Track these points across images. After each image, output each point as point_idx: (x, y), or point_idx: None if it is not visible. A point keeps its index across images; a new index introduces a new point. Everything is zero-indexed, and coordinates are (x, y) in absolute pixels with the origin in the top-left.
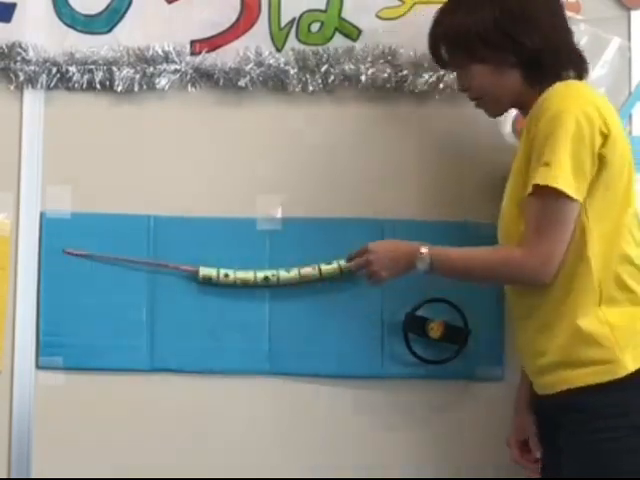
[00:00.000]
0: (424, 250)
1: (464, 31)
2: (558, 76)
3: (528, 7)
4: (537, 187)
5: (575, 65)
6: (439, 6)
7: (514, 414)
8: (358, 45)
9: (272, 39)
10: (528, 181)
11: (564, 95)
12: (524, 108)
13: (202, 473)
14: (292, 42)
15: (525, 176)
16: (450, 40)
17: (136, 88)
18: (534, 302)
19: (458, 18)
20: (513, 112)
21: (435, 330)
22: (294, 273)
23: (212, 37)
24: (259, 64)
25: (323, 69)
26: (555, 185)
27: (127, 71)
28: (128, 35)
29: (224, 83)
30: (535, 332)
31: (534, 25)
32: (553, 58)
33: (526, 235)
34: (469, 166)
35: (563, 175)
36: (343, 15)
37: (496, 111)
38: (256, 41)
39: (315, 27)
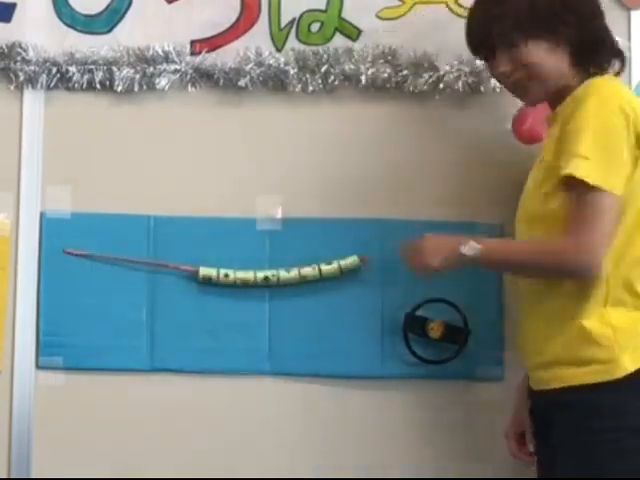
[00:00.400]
0: (471, 241)
1: (526, 8)
2: (601, 67)
3: None
4: (575, 180)
5: (616, 58)
6: (442, 5)
7: (514, 407)
8: (358, 45)
9: (272, 39)
10: (562, 172)
11: (602, 90)
12: (558, 97)
13: (202, 473)
14: (292, 42)
15: (556, 165)
16: (510, 17)
17: (136, 88)
18: (540, 297)
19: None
20: (513, 111)
21: (435, 330)
22: (294, 273)
23: (212, 37)
24: (259, 64)
25: (323, 69)
26: (594, 181)
27: (127, 71)
28: (128, 35)
29: (224, 83)
30: (538, 328)
31: (590, 11)
32: (601, 46)
33: (571, 226)
34: (469, 166)
35: (601, 170)
36: (343, 15)
37: (537, 94)
38: (256, 41)
39: (315, 27)
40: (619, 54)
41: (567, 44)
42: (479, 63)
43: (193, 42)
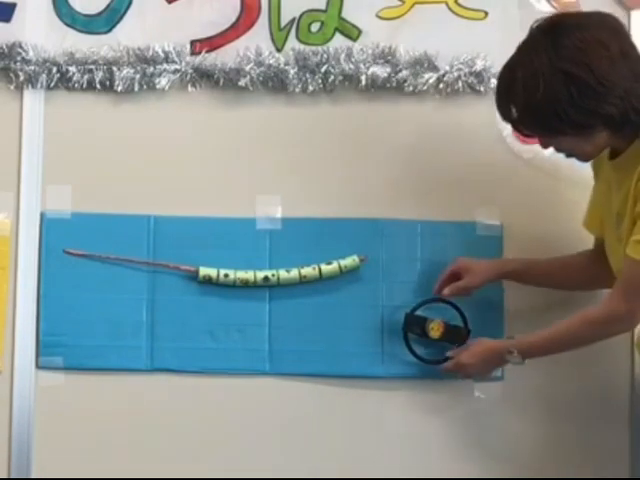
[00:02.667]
0: (512, 348)
1: (543, 116)
2: None
3: (604, 72)
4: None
5: None
6: (442, 5)
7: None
8: (358, 45)
9: (272, 39)
10: (630, 242)
11: None
12: (619, 146)
13: (202, 473)
14: (292, 42)
15: (630, 226)
16: (528, 122)
17: (136, 88)
18: None
19: (534, 101)
20: None
21: (435, 330)
22: (294, 273)
23: (212, 37)
24: (259, 64)
25: (323, 69)
26: None
27: (127, 71)
28: (128, 35)
29: (224, 83)
30: None
31: (614, 88)
32: (632, 117)
33: (615, 288)
34: (469, 166)
35: None
36: (343, 15)
37: (588, 159)
38: (256, 41)
39: (315, 27)
40: None
41: (602, 128)
42: (479, 63)
43: (193, 42)
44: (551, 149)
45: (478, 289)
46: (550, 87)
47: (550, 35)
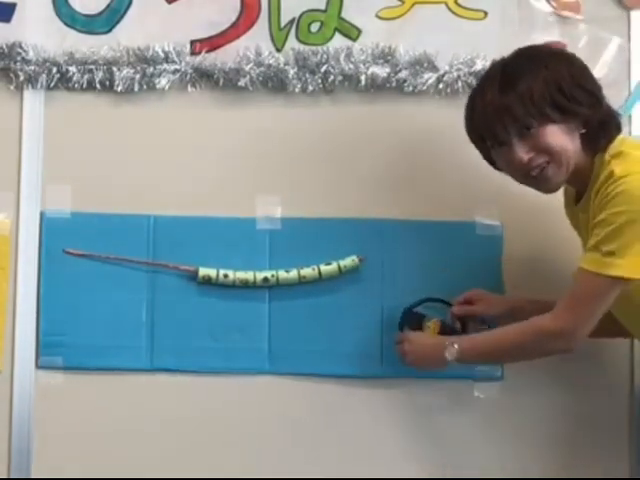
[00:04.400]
0: (451, 342)
1: (540, 92)
2: (609, 142)
3: (584, 74)
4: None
5: (617, 124)
6: (442, 6)
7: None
8: (358, 45)
9: (272, 39)
10: (585, 256)
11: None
12: (575, 178)
13: (202, 473)
14: (292, 42)
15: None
16: (524, 104)
17: (136, 88)
18: None
19: (532, 81)
20: None
21: (432, 329)
22: (294, 274)
23: (212, 37)
24: (259, 64)
25: (323, 69)
26: (616, 273)
27: (127, 71)
28: (128, 35)
29: (224, 83)
30: None
31: (599, 91)
32: (609, 126)
33: (562, 303)
34: (469, 166)
35: (630, 265)
36: (343, 15)
37: (558, 179)
38: (256, 41)
39: (315, 27)
40: (619, 129)
41: (581, 126)
42: (479, 63)
43: (193, 42)
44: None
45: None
46: (554, 68)
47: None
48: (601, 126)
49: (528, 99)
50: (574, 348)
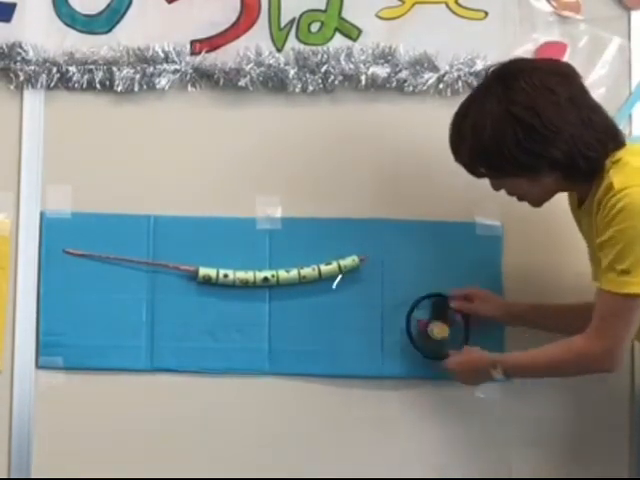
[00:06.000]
0: (497, 364)
1: (490, 156)
2: (600, 164)
3: (550, 116)
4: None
5: (613, 140)
6: (442, 6)
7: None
8: (358, 45)
9: (272, 39)
10: (603, 277)
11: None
12: (572, 189)
13: (202, 473)
14: (292, 42)
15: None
16: (476, 162)
17: (136, 88)
18: None
19: (481, 141)
20: None
21: (437, 332)
22: (294, 274)
23: (212, 37)
24: (259, 64)
25: (323, 69)
26: (635, 291)
27: (127, 71)
28: (128, 35)
29: (224, 83)
30: None
31: (560, 134)
32: (588, 154)
33: (593, 324)
34: None
35: None
36: (343, 15)
37: (539, 204)
38: (256, 41)
39: (315, 27)
40: (614, 135)
41: (547, 170)
42: (479, 63)
43: (193, 42)
44: None
45: (483, 319)
46: (497, 128)
47: (502, 79)
48: (574, 160)
49: (476, 165)
50: (614, 368)
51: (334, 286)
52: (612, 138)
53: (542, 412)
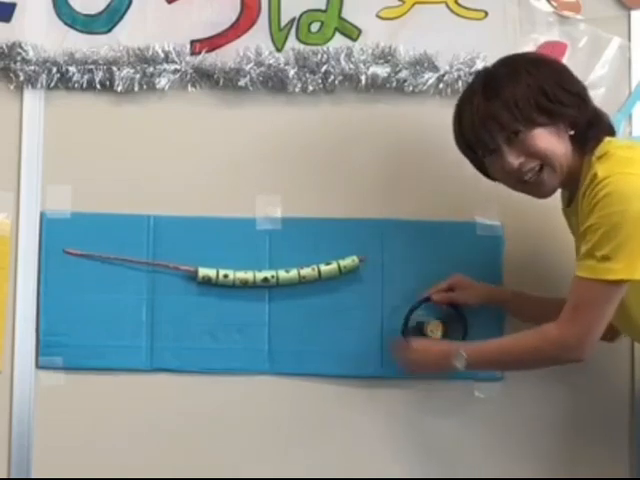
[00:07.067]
0: (460, 350)
1: (525, 96)
2: (597, 143)
3: (566, 76)
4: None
5: (605, 128)
6: (442, 5)
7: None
8: (358, 45)
9: (272, 39)
10: (580, 264)
11: (622, 180)
12: (567, 181)
13: (202, 473)
14: (292, 42)
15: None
16: (510, 110)
17: (136, 88)
18: None
19: (515, 87)
20: None
21: (434, 332)
22: (293, 274)
23: (212, 37)
24: (259, 64)
25: (323, 69)
26: (615, 277)
27: (127, 71)
28: (128, 35)
29: (224, 83)
30: None
31: (584, 92)
32: (597, 126)
33: (565, 312)
34: (469, 166)
35: (627, 266)
36: (343, 15)
37: (552, 183)
38: (256, 41)
39: (315, 27)
40: (609, 130)
41: (569, 127)
42: (479, 63)
43: (193, 42)
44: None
45: (468, 306)
46: (536, 72)
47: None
48: (589, 127)
49: (513, 105)
50: (584, 357)
51: None
52: (606, 124)
53: (542, 412)
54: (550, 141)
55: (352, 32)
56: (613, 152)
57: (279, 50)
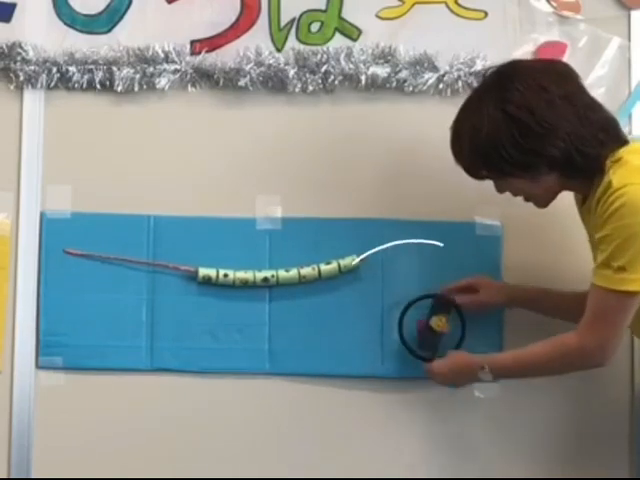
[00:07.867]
0: (485, 366)
1: (488, 157)
2: (599, 162)
3: (544, 114)
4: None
5: (613, 138)
6: (442, 5)
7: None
8: (358, 45)
9: (272, 39)
10: (597, 273)
11: (631, 191)
12: (578, 189)
13: (202, 473)
14: (292, 42)
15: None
16: (476, 164)
17: (136, 88)
18: None
19: (479, 143)
20: None
21: (436, 325)
22: (293, 273)
23: (212, 37)
24: (259, 64)
25: (323, 69)
26: (630, 288)
27: (127, 71)
28: (128, 35)
29: (224, 83)
30: None
31: (556, 131)
32: (585, 151)
33: (585, 320)
34: None
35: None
36: (343, 15)
37: (544, 205)
38: (256, 41)
39: (315, 27)
40: (615, 133)
41: (546, 169)
42: (479, 63)
43: (193, 42)
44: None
45: (488, 308)
46: (493, 128)
47: (498, 81)
48: (572, 158)
49: (479, 162)
50: (607, 363)
51: None
52: (612, 136)
53: (542, 412)
54: (524, 186)
55: (352, 32)
56: (627, 159)
57: (279, 50)
